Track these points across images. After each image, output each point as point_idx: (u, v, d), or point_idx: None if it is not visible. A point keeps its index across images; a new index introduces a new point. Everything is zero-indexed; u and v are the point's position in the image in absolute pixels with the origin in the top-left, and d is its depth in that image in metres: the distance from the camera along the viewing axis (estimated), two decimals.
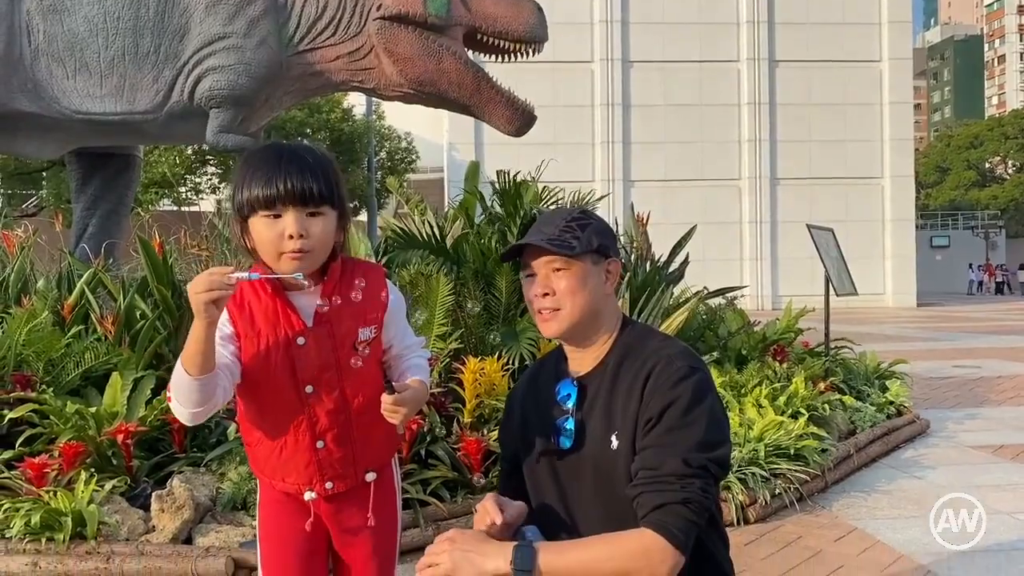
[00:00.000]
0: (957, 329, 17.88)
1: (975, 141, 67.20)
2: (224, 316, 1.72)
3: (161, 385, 4.31)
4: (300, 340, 1.73)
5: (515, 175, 5.60)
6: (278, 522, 1.83)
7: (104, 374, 4.35)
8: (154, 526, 3.46)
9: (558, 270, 1.83)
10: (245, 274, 1.59)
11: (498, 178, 5.58)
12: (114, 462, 3.83)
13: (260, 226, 1.68)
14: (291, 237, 1.66)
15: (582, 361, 1.90)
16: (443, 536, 1.67)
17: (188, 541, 3.43)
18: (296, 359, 1.73)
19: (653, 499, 1.65)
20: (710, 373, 1.84)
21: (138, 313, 4.80)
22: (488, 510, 1.76)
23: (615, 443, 1.77)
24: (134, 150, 7.74)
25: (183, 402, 1.65)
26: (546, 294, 1.84)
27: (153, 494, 3.49)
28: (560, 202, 5.64)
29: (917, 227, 34.33)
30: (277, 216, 1.67)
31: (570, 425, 1.84)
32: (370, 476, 1.87)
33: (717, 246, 28.34)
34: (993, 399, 7.84)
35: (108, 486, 3.58)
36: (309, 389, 1.75)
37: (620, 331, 1.90)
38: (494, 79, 5.78)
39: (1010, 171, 67.80)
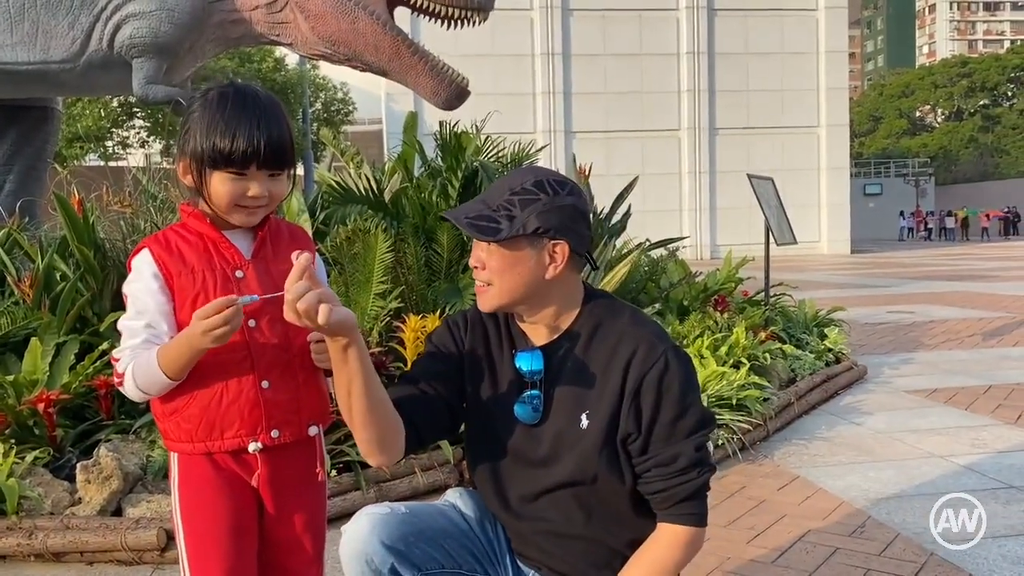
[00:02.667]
0: (890, 275, 18.33)
1: (906, 90, 68.60)
2: (151, 268, 1.66)
3: (85, 350, 4.12)
4: (239, 273, 1.69)
5: (454, 125, 5.44)
6: (203, 499, 1.70)
7: (23, 339, 4.13)
8: (80, 498, 3.30)
9: (490, 244, 1.71)
10: (247, 298, 1.57)
11: (440, 130, 5.41)
12: (36, 432, 3.65)
13: (221, 181, 1.64)
14: (254, 196, 1.65)
15: (535, 332, 1.80)
16: None
17: (118, 513, 3.29)
18: (237, 292, 1.66)
19: (679, 492, 1.69)
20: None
21: (58, 275, 4.57)
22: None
23: (584, 422, 1.72)
24: (52, 102, 7.37)
25: (153, 392, 1.66)
26: (476, 267, 1.74)
27: (78, 464, 3.33)
28: (502, 154, 5.51)
29: (851, 175, 34.94)
30: (242, 175, 1.63)
31: (536, 399, 1.75)
32: (313, 430, 1.80)
33: (656, 197, 28.51)
34: (926, 344, 8.03)
35: (29, 458, 3.40)
36: (252, 323, 1.67)
37: (583, 305, 1.80)
38: (420, 45, 5.51)
39: (939, 119, 69.43)
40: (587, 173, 6.15)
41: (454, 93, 5.45)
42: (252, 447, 1.70)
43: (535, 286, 1.72)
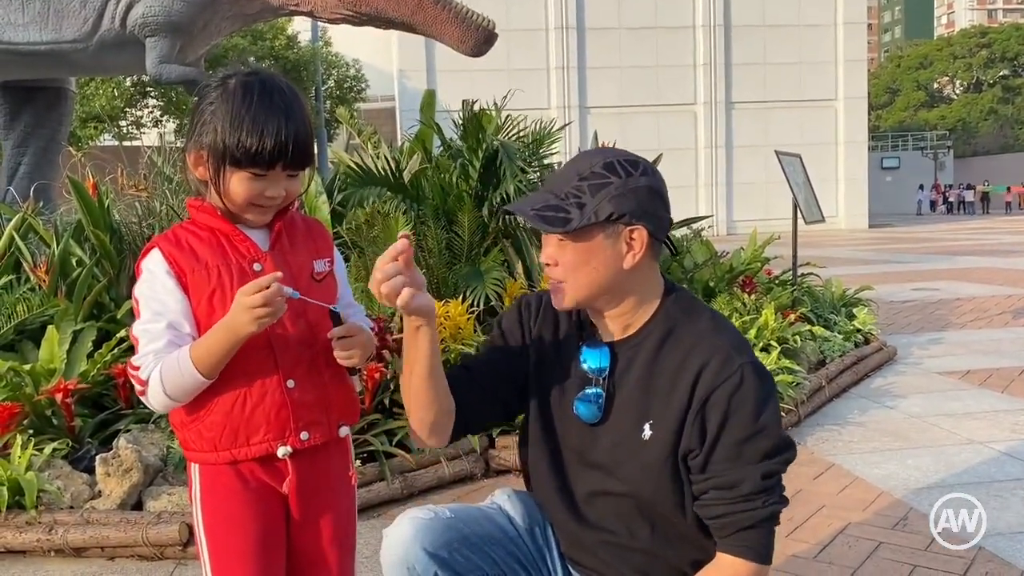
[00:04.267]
0: (911, 250, 18.08)
1: (924, 61, 67.56)
2: (163, 266, 1.55)
3: (103, 337, 4.05)
4: (256, 266, 1.58)
5: (473, 103, 5.30)
6: (228, 513, 1.60)
7: (40, 327, 4.06)
8: (100, 491, 3.23)
9: (561, 239, 1.57)
10: (289, 290, 1.50)
11: (463, 108, 5.28)
12: (54, 422, 3.58)
13: (240, 180, 1.53)
14: (271, 196, 1.56)
15: (607, 326, 1.66)
16: None
17: (138, 506, 3.22)
18: None
19: (740, 519, 1.53)
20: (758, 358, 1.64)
21: (74, 260, 4.50)
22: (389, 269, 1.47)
23: (647, 432, 1.59)
24: (65, 83, 7.30)
25: (181, 398, 1.55)
26: (548, 264, 1.61)
27: (97, 457, 3.25)
28: (523, 133, 5.37)
29: (868, 149, 34.47)
30: (263, 175, 1.53)
31: (598, 398, 1.63)
32: (344, 431, 1.70)
33: (672, 172, 28.02)
34: (955, 322, 7.87)
35: (48, 449, 3.33)
36: None
37: (663, 299, 1.65)
38: None
39: (958, 91, 68.41)
40: None
41: (482, 38, 5.33)
42: (281, 452, 1.60)
43: (613, 279, 1.57)
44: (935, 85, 68.69)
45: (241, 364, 1.56)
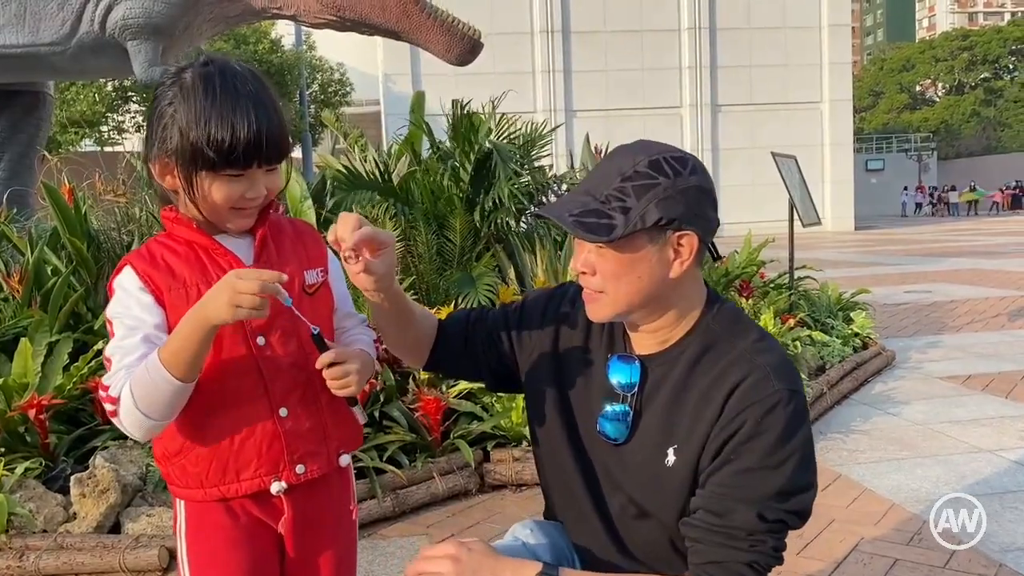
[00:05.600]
0: (899, 252, 18.04)
1: (907, 64, 67.97)
2: (137, 283, 1.38)
3: (80, 349, 3.87)
4: None
5: (464, 104, 5.16)
6: (216, 555, 1.44)
7: (13, 339, 3.88)
8: (75, 513, 3.06)
9: (601, 246, 1.39)
10: (286, 294, 1.33)
11: (453, 108, 5.13)
12: (27, 440, 3.41)
13: (219, 183, 1.36)
14: (252, 197, 1.39)
15: (642, 338, 1.49)
16: (448, 547, 1.33)
17: (116, 528, 3.05)
18: None
19: (713, 552, 1.34)
20: (804, 392, 1.44)
21: (49, 269, 4.32)
22: (345, 225, 1.36)
23: (671, 458, 1.41)
24: (43, 87, 7.11)
25: (157, 415, 1.32)
26: (584, 272, 1.43)
27: (72, 477, 3.08)
28: (514, 136, 5.23)
29: (853, 151, 34.52)
30: (241, 175, 1.36)
31: (625, 415, 1.46)
32: (344, 459, 1.54)
33: None
34: (951, 325, 7.78)
35: (20, 469, 3.17)
36: (261, 341, 1.41)
37: (703, 311, 1.46)
38: (427, 1, 5.26)
39: (940, 93, 68.83)
40: (603, 155, 5.87)
41: (467, 47, 5.20)
42: (275, 488, 1.44)
43: (657, 289, 1.39)
44: (917, 88, 69.11)
45: (228, 391, 1.40)
